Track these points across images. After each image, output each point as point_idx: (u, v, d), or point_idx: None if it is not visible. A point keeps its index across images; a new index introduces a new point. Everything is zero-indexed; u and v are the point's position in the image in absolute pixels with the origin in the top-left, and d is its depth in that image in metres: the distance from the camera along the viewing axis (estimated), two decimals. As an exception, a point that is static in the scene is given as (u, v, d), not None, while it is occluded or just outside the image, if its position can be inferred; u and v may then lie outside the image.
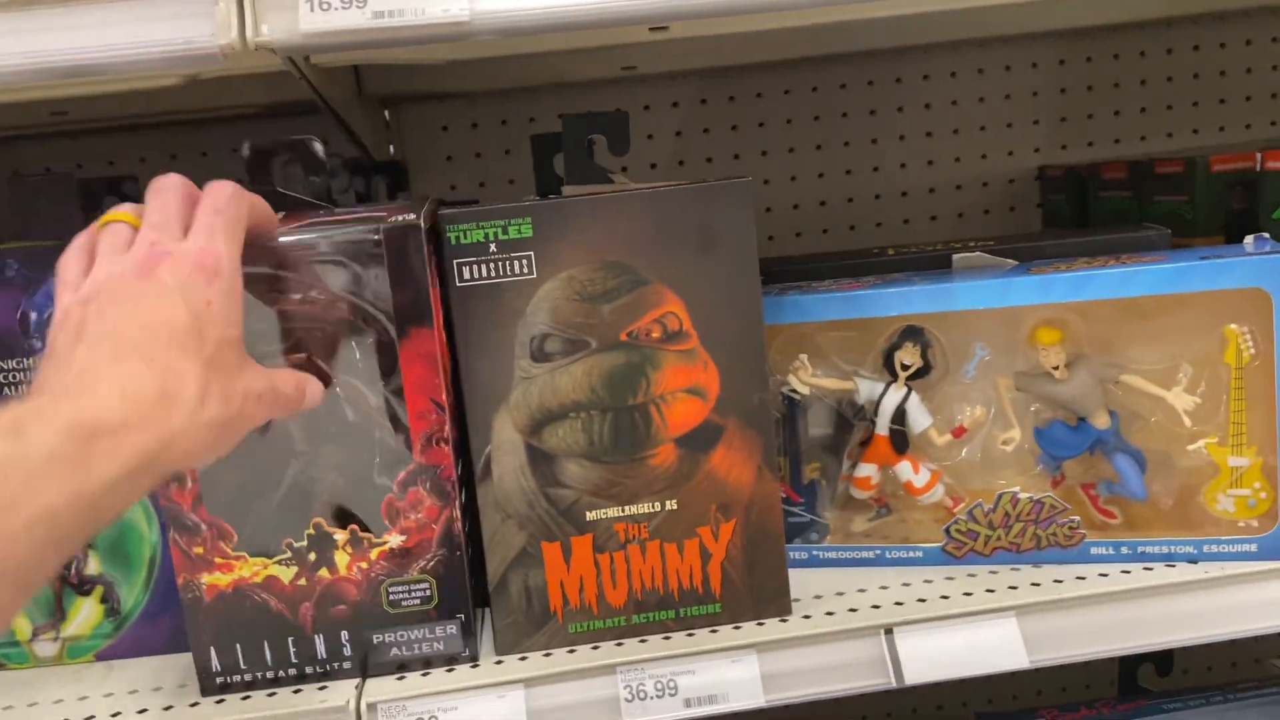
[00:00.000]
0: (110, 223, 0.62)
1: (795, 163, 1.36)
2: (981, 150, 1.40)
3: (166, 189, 0.62)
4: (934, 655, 0.77)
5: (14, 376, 0.81)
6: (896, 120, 1.38)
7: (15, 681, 0.82)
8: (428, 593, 0.77)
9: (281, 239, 0.72)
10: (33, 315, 0.80)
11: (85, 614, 0.83)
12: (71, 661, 0.84)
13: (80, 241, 0.62)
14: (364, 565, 0.76)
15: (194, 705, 0.75)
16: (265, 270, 0.72)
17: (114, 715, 0.75)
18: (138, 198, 0.95)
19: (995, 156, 1.41)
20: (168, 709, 0.75)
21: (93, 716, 0.75)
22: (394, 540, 0.76)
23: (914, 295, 0.84)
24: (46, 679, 0.82)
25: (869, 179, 1.38)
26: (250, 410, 0.59)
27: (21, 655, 0.84)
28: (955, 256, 0.90)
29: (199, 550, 0.75)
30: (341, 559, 0.76)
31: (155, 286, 0.56)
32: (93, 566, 0.83)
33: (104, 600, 0.83)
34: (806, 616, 0.80)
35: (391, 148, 1.31)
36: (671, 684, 0.76)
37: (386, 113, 1.31)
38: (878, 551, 0.88)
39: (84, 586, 0.83)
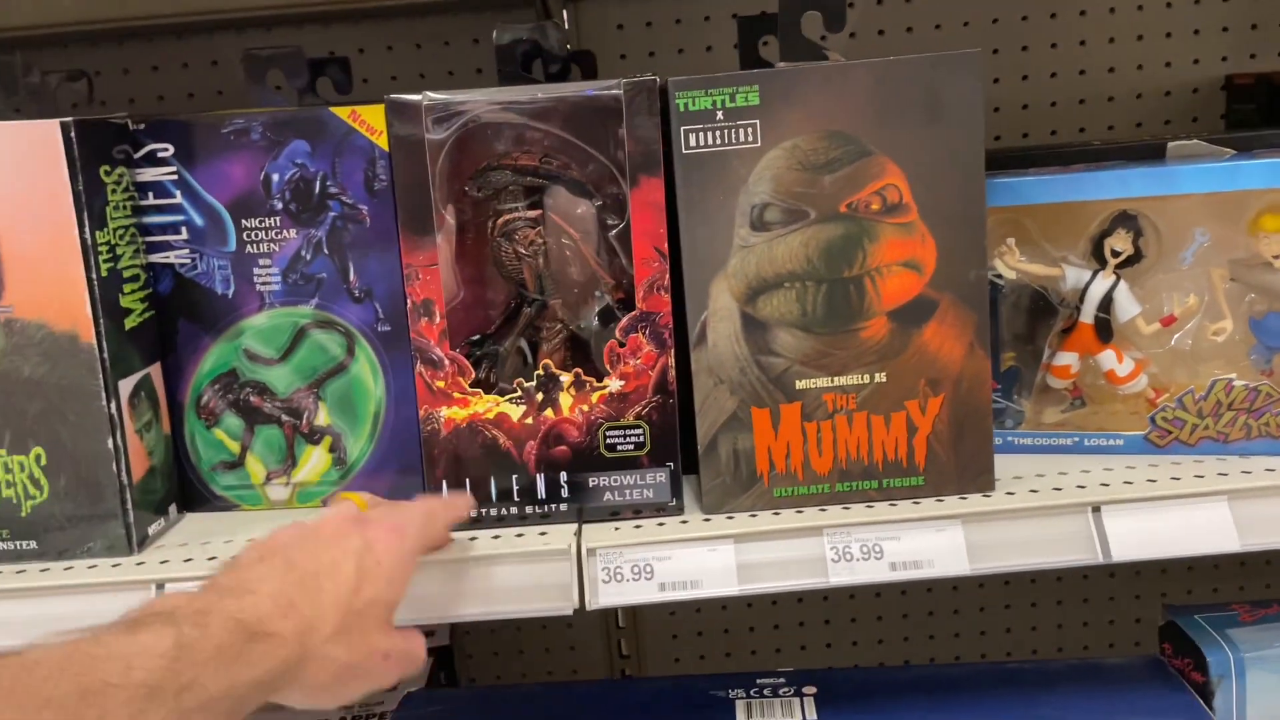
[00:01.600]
0: (344, 499, 0.77)
1: (972, 66, 1.33)
2: (1165, 58, 1.35)
3: (404, 509, 0.75)
4: (1142, 534, 0.77)
5: (256, 235, 0.86)
6: (1078, 25, 1.34)
7: (252, 520, 0.88)
8: (641, 439, 0.80)
9: (529, 96, 0.75)
10: (274, 177, 0.85)
11: (314, 462, 0.89)
12: (300, 505, 0.90)
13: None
14: (585, 408, 0.80)
15: (424, 543, 0.81)
16: (514, 121, 0.77)
17: (353, 548, 0.80)
18: (343, 81, 1.00)
19: (1180, 64, 1.35)
20: (401, 545, 0.80)
21: (334, 548, 0.81)
22: (613, 385, 0.80)
23: (1133, 178, 0.83)
24: (279, 520, 0.88)
25: (1046, 85, 1.35)
26: (375, 666, 0.66)
27: (255, 497, 0.90)
28: (1170, 145, 0.89)
29: (440, 384, 0.80)
30: (565, 400, 0.80)
31: (343, 541, 0.67)
32: (322, 417, 0.88)
33: (332, 450, 0.89)
34: (1010, 493, 0.81)
35: (569, 46, 1.33)
36: (877, 548, 0.78)
37: (565, 13, 1.33)
38: (1075, 439, 0.89)
39: (314, 436, 0.89)
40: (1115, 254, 0.85)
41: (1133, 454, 0.87)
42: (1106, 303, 0.86)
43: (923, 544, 0.78)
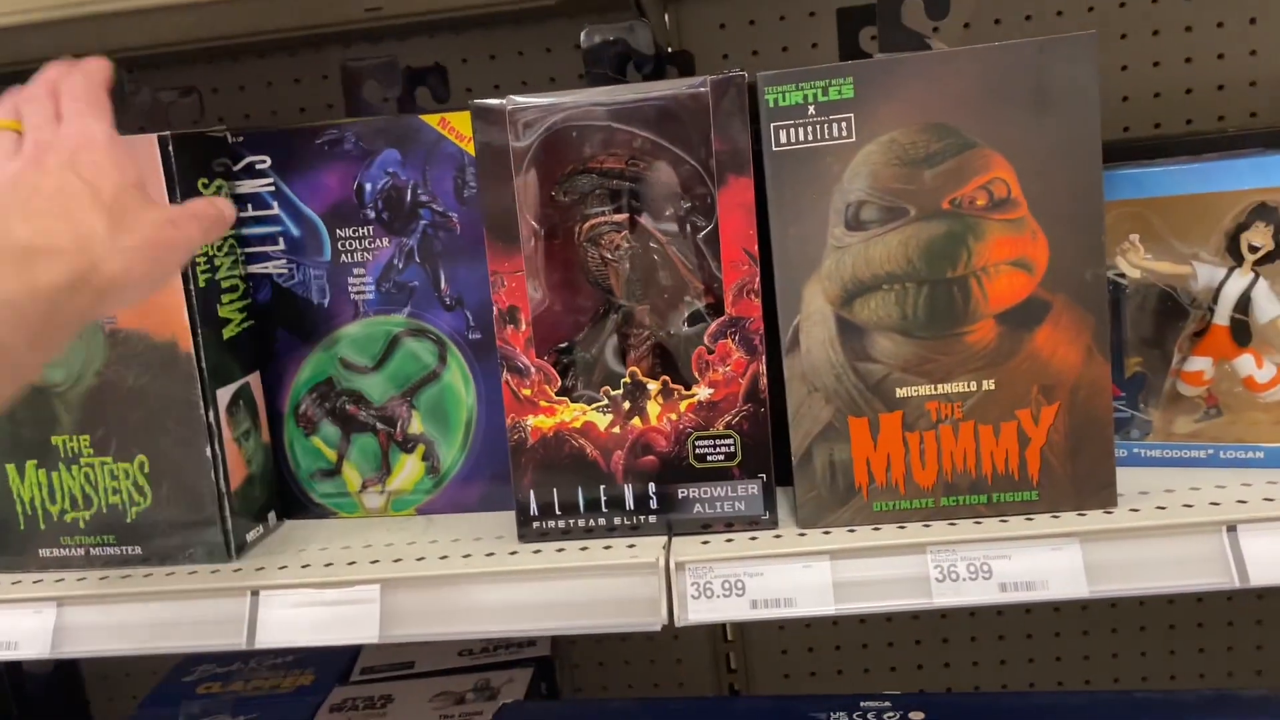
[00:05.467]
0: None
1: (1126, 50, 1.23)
2: (1316, 39, 1.24)
3: (36, 96, 0.69)
4: (1286, 557, 0.70)
5: (350, 244, 0.87)
6: (1216, 6, 1.24)
7: (348, 528, 0.89)
8: (732, 449, 0.77)
9: (614, 97, 0.74)
10: (367, 186, 0.85)
11: (408, 470, 0.89)
12: (395, 514, 0.91)
13: None
14: (673, 417, 0.77)
15: (513, 553, 0.79)
16: (596, 125, 0.75)
17: (442, 558, 0.80)
18: (441, 91, 1.00)
19: (1332, 46, 1.24)
20: (489, 555, 0.80)
21: (424, 557, 0.80)
22: (702, 393, 0.77)
23: (1273, 167, 0.75)
24: (375, 527, 0.88)
25: (1180, 71, 1.25)
26: (169, 234, 0.66)
27: (351, 505, 0.91)
28: (1318, 128, 0.81)
29: (527, 392, 0.78)
30: (653, 409, 0.78)
31: (46, 171, 0.64)
32: (415, 426, 0.88)
33: (425, 459, 0.89)
34: (1134, 510, 0.75)
35: (668, 47, 1.31)
36: (985, 567, 0.73)
37: (666, 15, 1.31)
38: (1210, 451, 0.81)
39: (408, 444, 0.89)
40: (1253, 249, 0.78)
41: (1274, 468, 0.79)
42: (1244, 303, 0.79)
43: (1036, 564, 0.73)
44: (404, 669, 1.19)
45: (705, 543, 0.78)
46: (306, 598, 0.78)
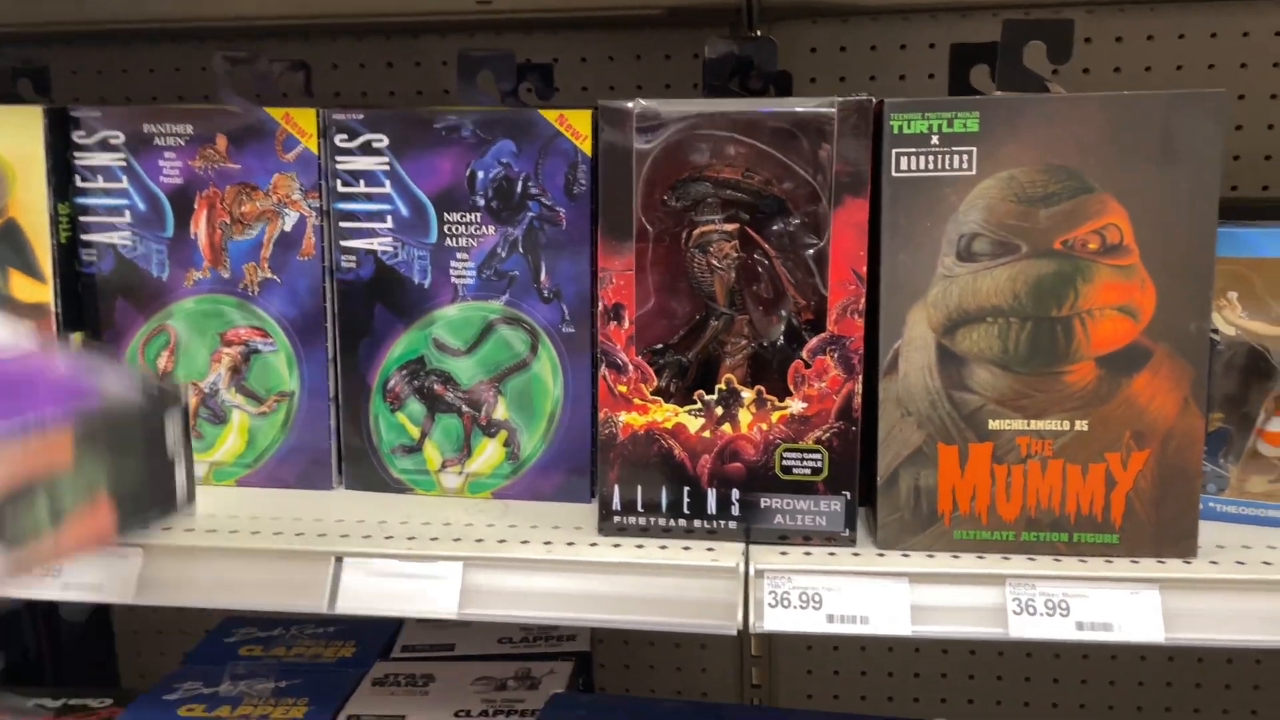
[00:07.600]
0: None
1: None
2: None
3: None
4: (1366, 623, 0.71)
5: (456, 229, 0.88)
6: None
7: (425, 505, 0.90)
8: (819, 464, 0.79)
9: (740, 109, 0.75)
10: (480, 174, 0.87)
11: (489, 454, 0.91)
12: (472, 495, 0.92)
13: None
14: (764, 427, 0.79)
15: (592, 545, 0.81)
16: (719, 134, 0.76)
17: (523, 542, 0.81)
18: (544, 88, 1.02)
19: None
20: (570, 544, 0.81)
21: (505, 540, 0.82)
22: (795, 406, 0.78)
23: (1382, 238, 0.76)
24: (452, 507, 0.90)
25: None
26: None
27: (429, 483, 0.92)
28: None
29: (623, 389, 0.80)
30: (745, 417, 0.79)
31: None
32: (500, 411, 0.90)
33: (506, 444, 0.90)
34: (1213, 562, 0.76)
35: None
36: (1063, 604, 0.74)
37: (757, 33, 1.33)
38: (1287, 512, 0.82)
39: (491, 429, 0.90)
40: (1352, 318, 0.79)
41: (1354, 535, 0.80)
42: (1337, 369, 0.80)
43: (1114, 605, 0.74)
44: (444, 650, 1.20)
45: (783, 554, 0.79)
46: (389, 568, 0.80)
